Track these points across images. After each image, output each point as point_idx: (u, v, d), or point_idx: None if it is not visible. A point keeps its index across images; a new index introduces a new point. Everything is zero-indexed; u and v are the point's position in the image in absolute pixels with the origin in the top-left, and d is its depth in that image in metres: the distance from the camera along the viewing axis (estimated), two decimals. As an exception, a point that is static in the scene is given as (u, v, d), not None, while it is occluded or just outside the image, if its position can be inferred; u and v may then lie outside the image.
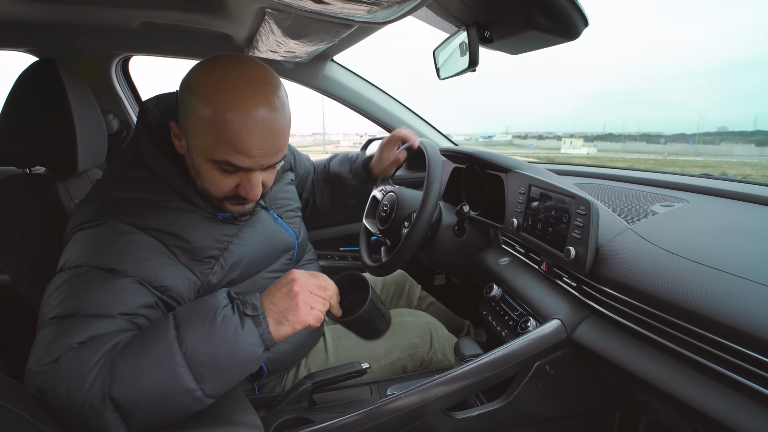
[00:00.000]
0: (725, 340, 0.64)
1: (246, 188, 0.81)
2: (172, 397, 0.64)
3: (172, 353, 0.64)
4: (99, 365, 0.63)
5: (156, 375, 0.63)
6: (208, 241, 0.85)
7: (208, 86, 0.74)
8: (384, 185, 1.54)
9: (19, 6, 1.18)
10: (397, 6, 0.82)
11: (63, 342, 0.65)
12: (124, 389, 0.61)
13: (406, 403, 0.87)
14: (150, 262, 0.76)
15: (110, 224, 0.77)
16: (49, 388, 0.62)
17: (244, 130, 0.74)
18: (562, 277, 1.02)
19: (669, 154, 74.55)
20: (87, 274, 0.72)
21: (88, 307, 0.68)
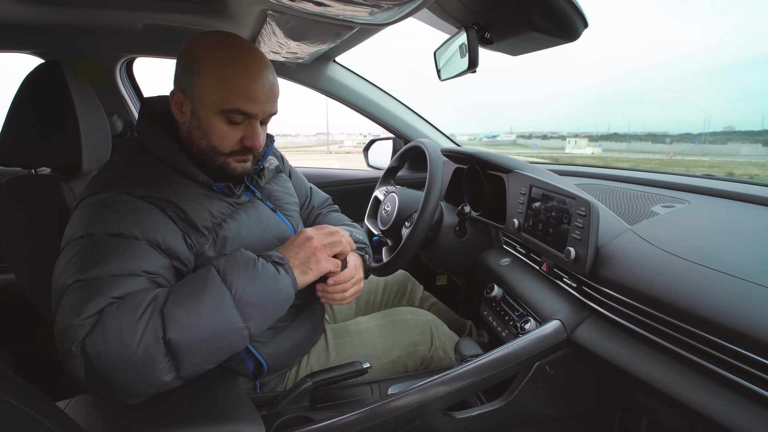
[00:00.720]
0: (725, 342, 0.64)
1: (251, 137, 0.89)
2: (223, 336, 0.72)
3: (223, 296, 0.72)
4: (148, 312, 0.68)
5: (210, 316, 0.70)
6: (203, 213, 0.89)
7: (211, 48, 0.85)
8: (386, 186, 1.55)
9: (25, 9, 1.19)
10: (397, 8, 0.83)
11: (100, 298, 0.69)
12: (181, 330, 0.68)
13: (406, 403, 0.88)
14: (155, 225, 0.81)
15: (112, 194, 0.82)
16: (98, 339, 0.65)
17: (252, 78, 0.85)
18: (563, 277, 1.03)
19: (675, 154, 74.16)
20: (100, 241, 0.76)
21: (111, 268, 0.73)
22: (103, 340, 0.65)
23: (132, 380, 0.68)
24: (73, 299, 0.70)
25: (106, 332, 0.66)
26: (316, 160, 25.74)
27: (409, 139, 1.89)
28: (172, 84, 0.91)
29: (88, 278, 0.72)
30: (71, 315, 0.68)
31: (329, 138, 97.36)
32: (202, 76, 0.85)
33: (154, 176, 0.87)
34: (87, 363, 0.66)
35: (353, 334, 1.17)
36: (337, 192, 1.71)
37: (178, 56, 0.90)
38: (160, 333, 0.67)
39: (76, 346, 0.66)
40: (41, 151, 0.98)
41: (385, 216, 1.39)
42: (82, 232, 0.77)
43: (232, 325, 0.72)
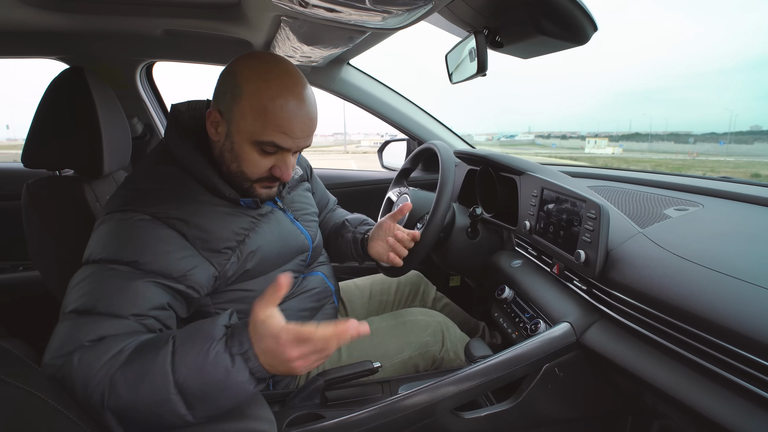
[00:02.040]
0: (734, 347, 0.64)
1: (281, 168, 0.90)
2: (163, 417, 0.67)
3: (166, 381, 0.66)
4: (101, 373, 0.66)
5: (149, 398, 0.66)
6: (227, 233, 0.89)
7: (256, 77, 0.84)
8: (399, 187, 1.56)
9: (51, 17, 1.23)
10: (408, 13, 0.84)
11: (75, 339, 0.70)
12: (119, 403, 0.65)
13: (416, 402, 0.89)
14: (171, 255, 0.81)
15: (134, 215, 0.82)
16: (62, 382, 0.68)
17: (291, 114, 0.84)
18: (573, 280, 1.03)
19: (698, 155, 72.52)
20: (108, 271, 0.76)
21: (102, 306, 0.73)
22: (64, 384, 0.67)
23: None
24: (59, 333, 0.73)
25: (65, 380, 0.67)
26: (334, 160, 25.78)
27: (422, 140, 1.90)
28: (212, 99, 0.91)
29: (80, 311, 0.73)
30: (49, 351, 0.72)
31: (346, 138, 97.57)
32: (242, 103, 0.84)
33: (179, 192, 0.87)
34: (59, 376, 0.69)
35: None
36: (352, 193, 1.73)
37: (222, 75, 0.89)
38: (105, 398, 0.65)
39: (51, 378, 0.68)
40: (65, 153, 1.02)
41: (397, 217, 1.41)
42: (99, 255, 0.78)
43: (172, 411, 0.67)
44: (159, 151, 0.94)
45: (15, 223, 1.64)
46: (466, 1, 0.95)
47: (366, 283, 1.52)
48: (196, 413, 0.68)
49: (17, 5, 1.13)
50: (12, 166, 1.84)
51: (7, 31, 1.40)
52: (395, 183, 1.58)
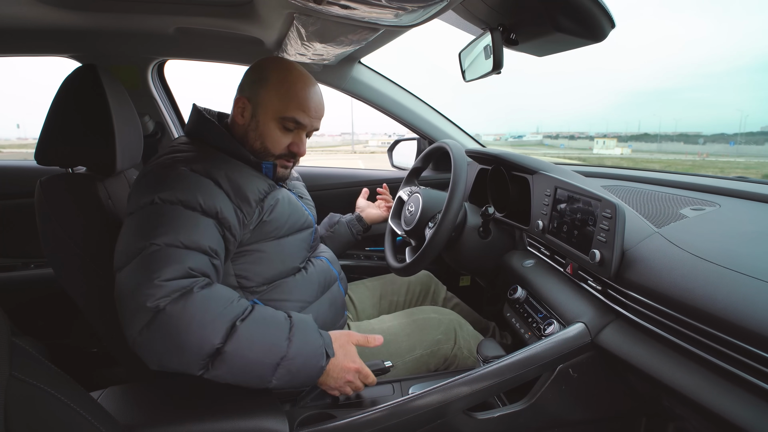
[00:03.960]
0: (755, 348, 0.63)
1: (298, 144, 1.08)
2: (253, 375, 0.82)
3: (280, 349, 0.83)
4: (224, 317, 0.80)
5: (259, 356, 0.81)
6: (252, 187, 1.00)
7: (281, 67, 1.05)
8: (410, 186, 1.55)
9: (64, 15, 1.24)
10: (422, 10, 0.83)
11: (178, 266, 0.81)
12: (234, 348, 0.79)
13: (428, 402, 0.88)
14: (213, 196, 0.92)
15: (176, 169, 0.93)
16: (178, 311, 0.77)
17: (309, 96, 1.05)
18: (587, 280, 1.02)
19: (708, 155, 71.89)
20: (169, 208, 0.87)
21: (183, 238, 0.84)
22: (181, 314, 0.76)
23: (172, 354, 0.78)
24: (152, 260, 0.80)
25: (189, 310, 0.77)
26: (341, 160, 25.84)
27: (433, 139, 1.89)
28: (237, 92, 1.08)
29: (165, 243, 0.82)
30: (151, 274, 0.78)
31: (354, 138, 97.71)
32: (268, 86, 1.03)
33: (207, 156, 0.99)
34: (152, 322, 0.75)
35: (377, 332, 1.18)
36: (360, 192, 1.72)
37: (250, 69, 1.08)
38: (221, 340, 0.78)
39: (153, 302, 0.75)
40: (78, 150, 1.02)
41: (408, 216, 1.40)
42: (152, 197, 0.87)
43: (262, 376, 0.83)
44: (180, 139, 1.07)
45: (27, 220, 1.65)
46: (481, -2, 0.95)
47: (376, 284, 1.52)
48: (277, 383, 0.84)
49: (31, 3, 1.13)
50: (24, 163, 1.85)
51: (21, 29, 1.41)
52: (406, 182, 1.58)
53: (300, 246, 1.12)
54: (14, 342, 0.58)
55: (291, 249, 1.09)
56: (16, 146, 56.20)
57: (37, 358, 0.61)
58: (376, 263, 1.90)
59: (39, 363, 0.61)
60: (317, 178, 1.91)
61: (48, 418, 0.58)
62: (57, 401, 0.59)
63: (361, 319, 1.40)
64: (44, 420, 0.57)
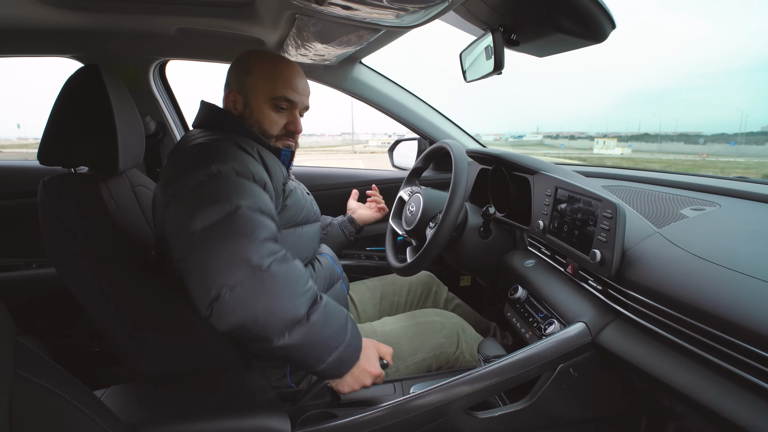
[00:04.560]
0: (755, 348, 0.63)
1: (294, 122, 1.12)
2: (316, 352, 0.86)
3: (342, 335, 0.89)
4: (305, 298, 0.83)
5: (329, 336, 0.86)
6: (277, 168, 1.04)
7: (261, 55, 1.10)
8: (411, 186, 1.56)
9: (65, 15, 1.24)
10: (423, 11, 0.84)
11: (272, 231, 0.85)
12: (315, 322, 0.83)
13: (429, 401, 0.88)
14: (260, 171, 0.95)
15: (215, 143, 0.95)
16: (282, 267, 0.81)
17: (293, 73, 1.10)
18: (588, 280, 1.02)
19: (708, 155, 71.83)
20: (232, 177, 0.88)
21: (261, 204, 0.87)
22: (283, 276, 0.80)
23: (257, 316, 0.78)
24: (244, 221, 0.82)
25: (289, 275, 0.81)
26: (342, 160, 25.83)
27: (434, 139, 1.89)
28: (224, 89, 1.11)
29: (248, 207, 0.84)
30: (250, 233, 0.81)
31: (354, 138, 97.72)
32: (254, 73, 1.07)
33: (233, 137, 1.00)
34: (252, 278, 0.77)
35: (379, 335, 1.18)
36: (361, 192, 1.72)
37: (233, 65, 1.11)
38: (307, 308, 0.83)
39: (258, 260, 0.79)
40: (80, 150, 1.02)
41: (409, 216, 1.40)
42: (207, 169, 0.87)
43: (321, 357, 0.86)
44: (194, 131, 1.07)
45: (30, 220, 1.65)
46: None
47: (377, 284, 1.52)
48: (325, 368, 0.87)
49: (33, 4, 1.14)
50: (26, 163, 1.86)
51: (24, 29, 1.41)
52: (407, 182, 1.58)
53: (312, 238, 1.16)
54: (19, 341, 0.58)
55: (305, 239, 1.13)
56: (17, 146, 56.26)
57: (41, 357, 0.61)
58: (376, 263, 1.91)
59: (43, 362, 0.62)
60: (317, 178, 1.91)
61: (52, 416, 0.58)
62: (61, 399, 0.60)
63: (363, 319, 1.40)
64: (49, 418, 0.58)
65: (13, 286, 1.68)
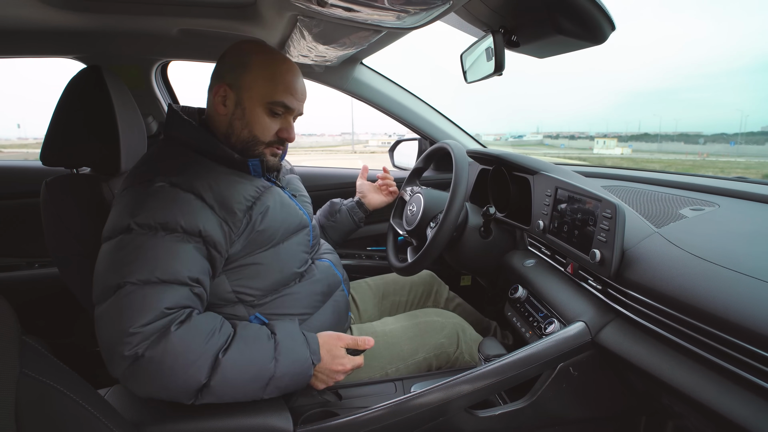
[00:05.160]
0: (754, 347, 0.64)
1: (288, 129, 1.04)
2: (243, 396, 0.84)
3: (264, 375, 0.85)
4: (205, 353, 0.80)
5: (247, 385, 0.84)
6: (238, 196, 0.95)
7: (261, 50, 1.00)
8: (411, 186, 1.56)
9: (68, 16, 1.25)
10: (424, 12, 0.84)
11: (154, 307, 0.78)
12: (221, 383, 0.80)
13: (430, 400, 0.89)
14: (195, 214, 0.87)
15: (153, 183, 0.88)
16: (156, 357, 0.76)
17: (295, 78, 1.02)
18: (588, 279, 1.02)
19: (708, 155, 71.77)
20: (146, 236, 0.83)
21: (160, 272, 0.81)
22: (162, 357, 0.76)
23: (159, 392, 0.79)
24: (127, 303, 0.78)
25: (169, 353, 0.77)
26: (341, 160, 25.83)
27: (434, 140, 1.90)
28: (213, 80, 1.02)
29: (139, 281, 0.79)
30: (128, 321, 0.76)
31: (354, 138, 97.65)
32: (252, 71, 0.98)
33: (188, 164, 0.94)
34: (133, 368, 0.75)
35: (379, 335, 1.18)
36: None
37: (225, 55, 1.02)
38: (206, 376, 0.79)
39: (130, 351, 0.75)
40: (83, 151, 1.03)
41: (410, 216, 1.41)
42: (128, 221, 0.83)
43: (255, 396, 0.85)
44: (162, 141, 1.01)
45: (32, 220, 1.66)
46: (483, 1, 0.95)
47: (379, 284, 1.52)
48: (269, 397, 0.86)
49: (35, 5, 1.14)
50: (28, 163, 1.86)
51: (26, 30, 1.42)
52: (408, 182, 1.59)
53: (297, 249, 1.08)
54: (24, 339, 0.59)
55: (288, 254, 1.05)
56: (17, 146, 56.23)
57: (46, 356, 0.62)
58: (377, 263, 1.91)
59: (48, 360, 0.62)
60: (317, 178, 1.92)
61: (57, 414, 0.59)
62: (66, 398, 0.60)
63: (363, 319, 1.41)
64: (54, 416, 0.58)
65: (15, 285, 1.68)
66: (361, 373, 1.09)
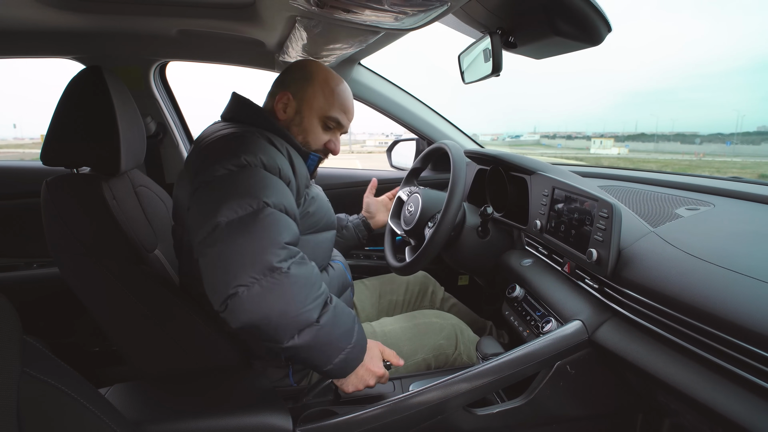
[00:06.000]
0: (748, 345, 0.64)
1: (335, 143, 1.15)
2: (324, 353, 0.87)
3: (350, 337, 0.90)
4: (317, 301, 0.84)
5: (337, 338, 0.88)
6: (303, 171, 1.04)
7: (323, 68, 1.12)
8: (409, 186, 1.57)
9: (67, 17, 1.25)
10: (423, 14, 0.85)
11: (292, 230, 0.86)
12: (325, 324, 0.84)
13: (428, 399, 0.90)
14: (286, 168, 0.95)
15: (244, 135, 0.95)
16: (302, 270, 0.82)
17: (350, 99, 1.14)
18: (585, 278, 1.03)
19: (704, 155, 71.95)
20: (262, 173, 0.89)
21: (287, 202, 0.88)
22: (301, 279, 0.81)
23: (271, 317, 0.79)
24: (271, 221, 0.83)
25: (306, 278, 0.82)
26: (339, 160, 25.71)
27: (432, 140, 1.90)
28: (276, 87, 1.11)
29: (274, 204, 0.85)
30: (276, 235, 0.82)
31: (351, 138, 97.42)
32: (314, 86, 1.08)
33: (262, 133, 1.00)
34: (269, 281, 0.77)
35: (378, 335, 1.19)
36: (361, 192, 1.73)
37: (291, 67, 1.13)
38: (319, 312, 0.84)
39: (279, 262, 0.79)
40: (83, 151, 1.03)
41: (408, 216, 1.41)
42: (238, 159, 0.88)
43: (332, 356, 0.88)
44: (220, 123, 1.07)
45: (30, 220, 1.66)
46: (480, 2, 0.96)
47: (375, 283, 1.53)
48: (331, 368, 0.89)
49: (35, 6, 1.14)
50: (28, 164, 1.86)
51: (26, 31, 1.42)
52: (405, 182, 1.59)
53: (328, 245, 1.16)
54: (26, 339, 0.59)
55: (322, 246, 1.13)
56: (13, 146, 56.01)
57: (48, 355, 0.62)
58: (375, 263, 1.92)
59: (50, 360, 0.63)
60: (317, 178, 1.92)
61: (59, 413, 0.59)
62: (67, 397, 0.60)
63: (362, 318, 1.41)
64: (55, 415, 0.59)
65: (14, 285, 1.68)
66: None
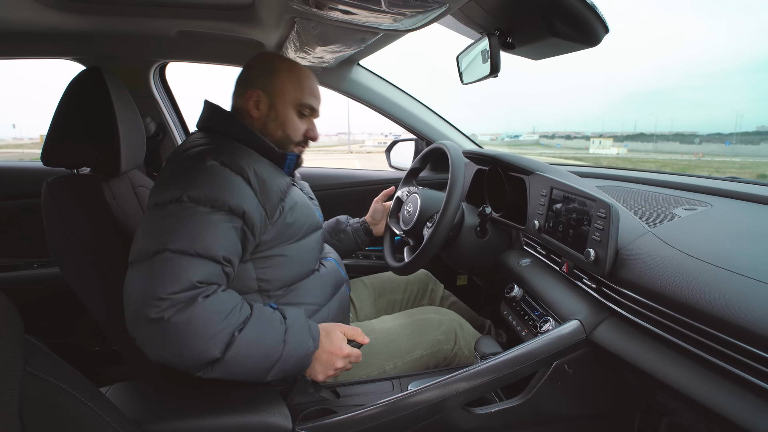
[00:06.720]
0: (745, 344, 0.65)
1: (313, 129, 1.14)
2: (249, 375, 0.87)
3: (273, 356, 0.88)
4: (226, 327, 0.83)
5: (257, 364, 0.87)
6: (276, 186, 1.01)
7: (284, 59, 1.11)
8: (408, 186, 1.57)
9: (67, 18, 1.25)
10: (421, 15, 0.85)
11: (187, 279, 0.82)
12: (234, 358, 0.83)
13: (427, 398, 0.90)
14: (242, 195, 0.93)
15: (207, 162, 0.93)
16: (182, 322, 0.80)
17: (314, 81, 1.13)
18: (582, 278, 1.04)
19: (703, 155, 71.99)
20: (193, 210, 0.88)
21: (199, 247, 0.85)
22: (185, 325, 0.80)
23: (171, 357, 0.82)
24: (162, 269, 0.82)
25: (192, 322, 0.80)
26: (338, 160, 25.80)
27: (431, 140, 1.91)
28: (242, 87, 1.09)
29: (178, 250, 0.84)
30: (160, 286, 0.80)
31: (350, 138, 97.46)
32: (281, 76, 1.07)
33: (233, 148, 1.00)
34: (154, 330, 0.79)
35: (377, 332, 1.20)
36: (360, 192, 1.74)
37: (251, 63, 1.11)
38: (221, 351, 0.82)
39: (157, 314, 0.78)
40: (83, 152, 1.04)
41: (407, 216, 1.42)
42: (180, 193, 0.88)
43: (258, 377, 0.88)
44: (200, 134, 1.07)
45: (30, 220, 1.66)
46: (478, 3, 0.96)
47: (375, 282, 1.54)
48: (271, 379, 0.89)
49: (35, 7, 1.15)
50: (28, 164, 1.87)
51: (26, 32, 1.42)
52: (404, 182, 1.59)
53: (315, 247, 1.15)
54: (27, 338, 0.60)
55: (308, 251, 1.12)
56: (12, 146, 55.97)
57: (49, 354, 0.63)
58: (374, 263, 1.92)
59: (51, 359, 0.63)
60: (314, 178, 1.92)
61: (61, 412, 0.60)
62: (69, 396, 0.61)
63: (361, 317, 1.42)
64: (57, 413, 0.59)
65: (15, 285, 1.69)
66: (359, 370, 1.11)
